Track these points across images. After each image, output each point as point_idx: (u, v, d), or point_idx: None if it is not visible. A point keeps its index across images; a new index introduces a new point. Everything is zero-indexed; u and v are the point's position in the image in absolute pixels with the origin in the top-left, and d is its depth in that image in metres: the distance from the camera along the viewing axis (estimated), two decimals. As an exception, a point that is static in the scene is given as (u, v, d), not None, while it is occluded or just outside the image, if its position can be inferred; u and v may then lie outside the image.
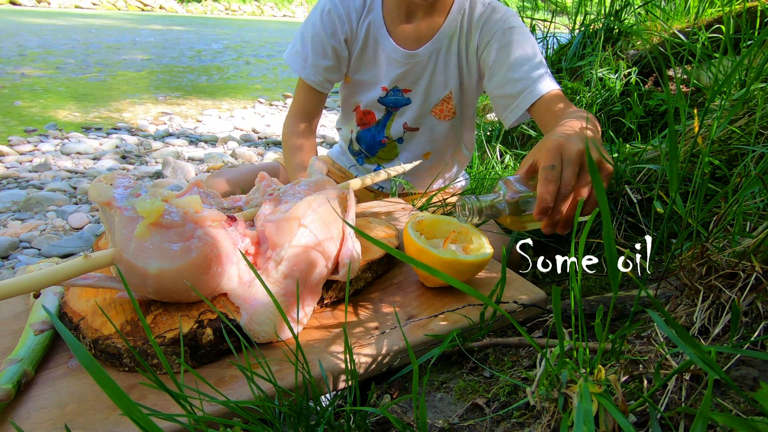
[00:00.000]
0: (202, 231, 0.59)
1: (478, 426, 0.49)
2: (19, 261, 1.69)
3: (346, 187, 0.79)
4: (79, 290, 0.65)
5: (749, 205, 0.66)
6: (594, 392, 0.38)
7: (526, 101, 1.01)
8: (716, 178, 0.96)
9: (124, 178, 0.67)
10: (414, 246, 0.70)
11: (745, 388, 0.44)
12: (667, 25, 1.82)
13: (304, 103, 1.21)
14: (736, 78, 1.08)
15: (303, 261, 0.63)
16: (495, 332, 0.67)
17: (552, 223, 0.66)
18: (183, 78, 5.45)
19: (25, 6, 14.34)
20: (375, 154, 1.31)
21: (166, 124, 3.58)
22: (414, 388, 0.43)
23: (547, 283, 1.03)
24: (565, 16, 2.27)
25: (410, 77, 1.17)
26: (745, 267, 0.51)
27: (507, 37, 1.06)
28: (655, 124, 1.56)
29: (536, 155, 0.69)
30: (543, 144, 0.69)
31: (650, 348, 0.50)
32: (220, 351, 0.59)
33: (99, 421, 0.49)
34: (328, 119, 3.84)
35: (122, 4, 17.14)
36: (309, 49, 1.15)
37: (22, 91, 4.22)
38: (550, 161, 0.64)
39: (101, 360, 0.57)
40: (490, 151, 1.76)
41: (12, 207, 2.09)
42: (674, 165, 0.47)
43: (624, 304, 0.68)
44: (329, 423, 0.46)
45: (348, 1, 1.13)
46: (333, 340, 0.62)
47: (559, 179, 0.64)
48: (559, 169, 0.64)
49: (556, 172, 0.64)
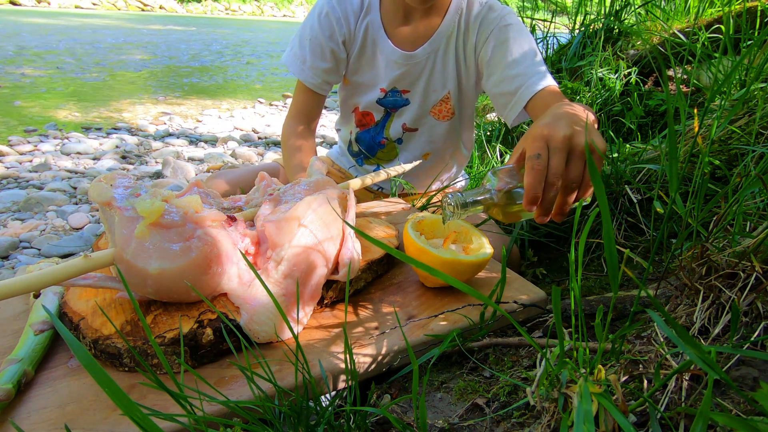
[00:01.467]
0: (202, 231, 0.59)
1: (478, 426, 0.49)
2: (19, 261, 1.69)
3: (346, 187, 0.79)
4: (79, 290, 0.65)
5: (749, 205, 0.66)
6: (594, 392, 0.38)
7: (523, 97, 1.01)
8: (716, 178, 0.96)
9: (124, 178, 0.67)
10: (414, 246, 0.70)
11: (745, 388, 0.44)
12: (667, 25, 1.82)
13: (303, 105, 1.21)
14: (736, 78, 1.08)
15: (303, 261, 0.63)
16: (495, 332, 0.67)
17: (544, 212, 0.65)
18: (183, 78, 5.45)
19: (25, 6, 14.34)
20: (374, 155, 1.31)
21: (166, 124, 3.58)
22: (414, 388, 0.43)
23: (547, 283, 1.03)
24: (565, 16, 2.27)
25: (409, 78, 1.17)
26: (745, 267, 0.51)
27: (504, 35, 1.06)
28: (655, 124, 1.56)
29: (524, 144, 0.67)
30: (529, 132, 0.67)
31: (650, 348, 0.50)
32: (220, 351, 0.59)
33: (99, 421, 0.49)
34: (328, 119, 3.84)
35: (122, 4, 17.14)
36: (307, 52, 1.15)
37: (22, 91, 4.22)
38: (536, 150, 0.63)
39: (101, 360, 0.57)
40: (490, 151, 1.76)
41: (12, 207, 2.09)
42: (674, 165, 0.47)
43: (624, 304, 0.68)
44: (329, 423, 0.46)
45: (346, 3, 1.13)
46: (333, 340, 0.62)
47: (546, 168, 0.62)
48: (546, 158, 0.62)
49: (543, 161, 0.62)
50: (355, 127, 1.29)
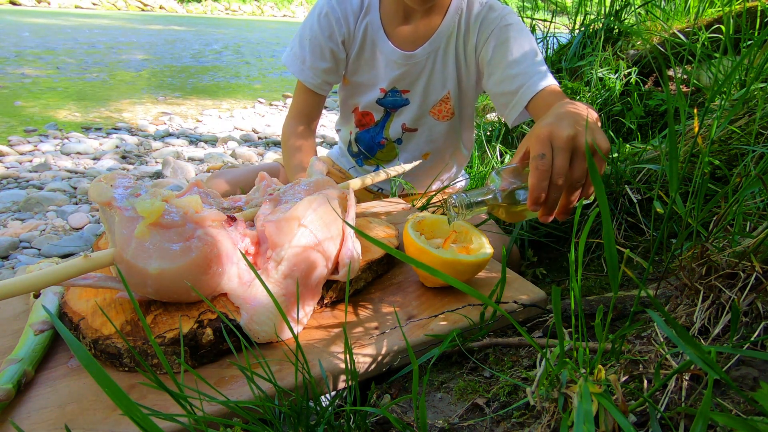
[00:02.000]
0: (202, 231, 0.59)
1: (478, 426, 0.49)
2: (19, 261, 1.70)
3: (346, 187, 0.79)
4: (79, 290, 0.65)
5: (749, 205, 0.66)
6: (594, 392, 0.38)
7: (524, 97, 1.01)
8: (716, 178, 0.96)
9: (124, 178, 0.67)
10: (414, 246, 0.70)
11: (745, 388, 0.44)
12: (667, 25, 1.82)
13: (303, 105, 1.21)
14: (736, 78, 1.08)
15: (303, 261, 0.63)
16: (495, 332, 0.67)
17: (548, 212, 0.65)
18: (183, 78, 5.45)
19: (25, 6, 14.34)
20: (374, 155, 1.31)
21: (166, 124, 3.58)
22: (414, 388, 0.43)
23: (547, 283, 1.03)
24: (565, 16, 2.27)
25: (408, 78, 1.17)
26: (745, 267, 0.51)
27: (504, 35, 1.06)
28: (655, 124, 1.56)
29: (528, 143, 0.67)
30: (533, 132, 0.67)
31: (650, 348, 0.50)
32: (220, 351, 0.59)
33: (99, 421, 0.50)
34: (328, 119, 3.84)
35: (122, 4, 17.13)
36: (307, 52, 1.15)
37: (22, 91, 4.22)
38: (540, 150, 0.63)
39: (101, 360, 0.57)
40: (490, 151, 1.75)
41: (12, 207, 2.09)
42: (674, 165, 0.47)
43: (624, 304, 0.68)
44: (329, 423, 0.46)
45: (345, 3, 1.13)
46: (333, 340, 0.62)
47: (550, 168, 0.62)
48: (550, 158, 0.62)
49: (547, 161, 0.62)
50: (355, 128, 1.29)
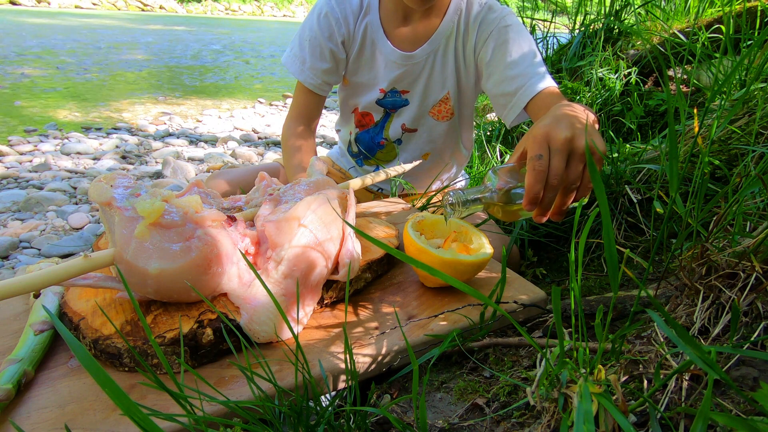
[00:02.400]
0: (202, 231, 0.59)
1: (478, 426, 0.49)
2: (19, 261, 1.69)
3: (346, 187, 0.79)
4: (79, 290, 0.65)
5: (749, 205, 0.66)
6: (594, 392, 0.38)
7: (523, 98, 1.01)
8: (716, 178, 0.96)
9: (124, 178, 0.67)
10: (414, 246, 0.70)
11: (745, 388, 0.44)
12: (667, 25, 1.82)
13: (303, 106, 1.21)
14: (736, 78, 1.08)
15: (303, 261, 0.63)
16: (495, 332, 0.67)
17: (543, 212, 0.65)
18: (183, 78, 5.45)
19: (25, 6, 14.33)
20: (374, 156, 1.31)
21: (166, 124, 3.58)
22: (414, 388, 0.43)
23: (547, 283, 1.03)
24: (565, 16, 2.27)
25: (408, 79, 1.17)
26: (745, 267, 0.51)
27: (503, 36, 1.06)
28: (655, 124, 1.56)
29: (525, 144, 0.68)
30: (531, 133, 0.68)
31: (650, 348, 0.50)
32: (220, 351, 0.59)
33: (99, 421, 0.50)
34: (329, 119, 3.84)
35: (122, 4, 17.12)
36: (307, 52, 1.15)
37: (22, 91, 4.22)
38: (537, 150, 0.63)
39: (101, 360, 0.57)
40: (490, 151, 1.75)
41: (12, 207, 2.09)
42: (674, 165, 0.47)
43: (624, 304, 0.68)
44: (329, 423, 0.46)
45: (345, 4, 1.13)
46: (333, 340, 0.62)
47: (546, 168, 0.63)
48: (547, 158, 0.63)
49: (544, 162, 0.63)
50: (355, 128, 1.29)
